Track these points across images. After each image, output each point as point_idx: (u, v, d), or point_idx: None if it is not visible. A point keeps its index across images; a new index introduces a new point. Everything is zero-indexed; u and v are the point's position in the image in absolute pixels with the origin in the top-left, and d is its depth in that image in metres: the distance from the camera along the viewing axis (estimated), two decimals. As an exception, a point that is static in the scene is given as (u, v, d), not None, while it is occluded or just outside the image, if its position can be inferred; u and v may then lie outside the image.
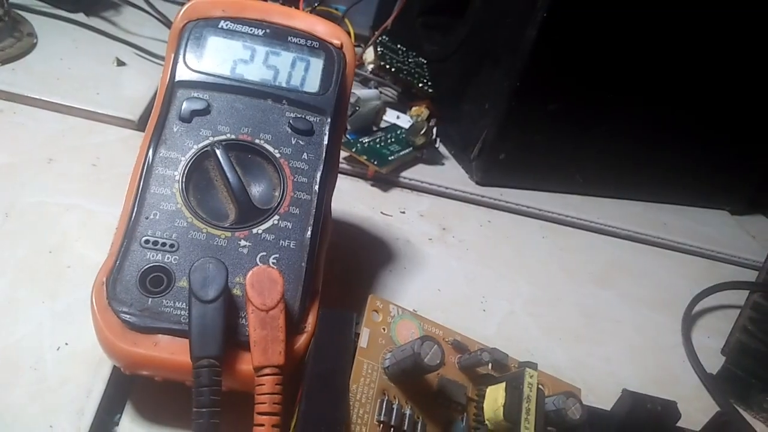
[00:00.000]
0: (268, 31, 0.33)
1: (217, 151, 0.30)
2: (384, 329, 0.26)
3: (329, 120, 0.32)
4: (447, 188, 0.51)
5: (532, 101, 0.51)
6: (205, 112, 0.31)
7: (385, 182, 0.50)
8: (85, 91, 0.47)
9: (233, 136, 0.31)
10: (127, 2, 0.63)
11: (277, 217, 0.29)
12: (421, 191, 0.51)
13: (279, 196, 0.30)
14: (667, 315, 0.45)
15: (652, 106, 0.55)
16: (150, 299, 0.26)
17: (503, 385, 0.25)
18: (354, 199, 0.47)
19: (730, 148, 0.59)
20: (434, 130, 0.55)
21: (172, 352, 0.25)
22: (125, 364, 0.26)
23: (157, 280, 0.27)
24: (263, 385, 0.24)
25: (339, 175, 0.33)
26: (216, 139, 0.30)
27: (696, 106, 0.56)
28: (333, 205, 0.33)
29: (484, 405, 0.25)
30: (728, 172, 0.61)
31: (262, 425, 0.23)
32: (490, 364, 0.26)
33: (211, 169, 0.30)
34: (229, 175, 0.29)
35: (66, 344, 0.29)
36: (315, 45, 0.33)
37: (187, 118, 0.31)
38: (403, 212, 0.47)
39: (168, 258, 0.27)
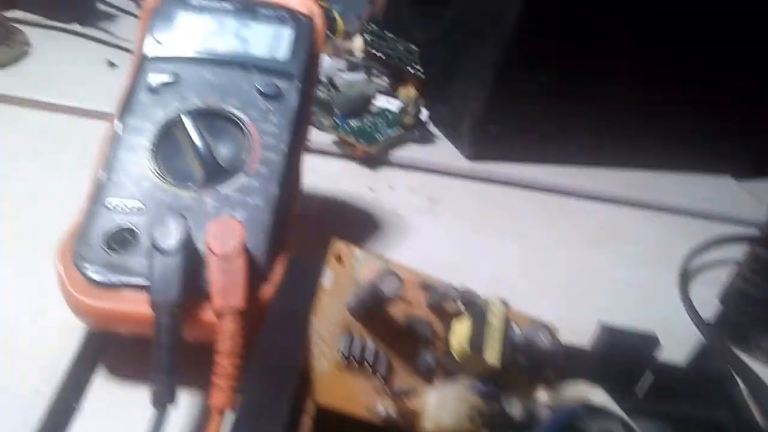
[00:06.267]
0: (237, 4, 0.34)
1: (184, 117, 0.30)
2: (349, 272, 0.26)
3: (298, 85, 0.33)
4: (437, 164, 0.51)
5: (520, 73, 0.51)
6: (174, 83, 0.32)
7: (375, 162, 0.50)
8: (75, 90, 0.48)
9: (201, 104, 0.31)
10: (121, 10, 0.65)
11: (243, 176, 0.29)
12: (411, 168, 0.51)
13: (246, 158, 0.30)
14: (663, 271, 0.44)
15: (647, 68, 0.54)
16: (115, 256, 0.26)
17: (468, 313, 0.25)
18: (342, 178, 0.47)
19: (731, 110, 0.57)
20: (422, 108, 0.55)
21: (135, 305, 0.25)
22: (90, 319, 0.26)
23: (122, 239, 0.27)
24: (224, 328, 0.24)
25: (327, 158, 0.32)
26: (184, 107, 0.31)
27: (695, 65, 0.55)
28: (320, 184, 0.33)
29: (450, 337, 0.25)
30: (731, 136, 0.59)
31: (223, 366, 0.23)
32: (459, 301, 0.26)
33: (179, 136, 0.30)
34: (194, 137, 0.30)
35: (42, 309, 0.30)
36: (284, 15, 0.34)
37: (155, 90, 0.31)
38: (392, 188, 0.47)
39: (133, 218, 0.27)
